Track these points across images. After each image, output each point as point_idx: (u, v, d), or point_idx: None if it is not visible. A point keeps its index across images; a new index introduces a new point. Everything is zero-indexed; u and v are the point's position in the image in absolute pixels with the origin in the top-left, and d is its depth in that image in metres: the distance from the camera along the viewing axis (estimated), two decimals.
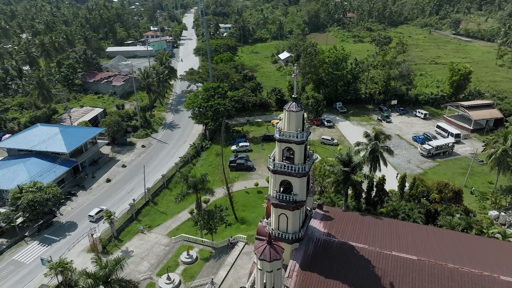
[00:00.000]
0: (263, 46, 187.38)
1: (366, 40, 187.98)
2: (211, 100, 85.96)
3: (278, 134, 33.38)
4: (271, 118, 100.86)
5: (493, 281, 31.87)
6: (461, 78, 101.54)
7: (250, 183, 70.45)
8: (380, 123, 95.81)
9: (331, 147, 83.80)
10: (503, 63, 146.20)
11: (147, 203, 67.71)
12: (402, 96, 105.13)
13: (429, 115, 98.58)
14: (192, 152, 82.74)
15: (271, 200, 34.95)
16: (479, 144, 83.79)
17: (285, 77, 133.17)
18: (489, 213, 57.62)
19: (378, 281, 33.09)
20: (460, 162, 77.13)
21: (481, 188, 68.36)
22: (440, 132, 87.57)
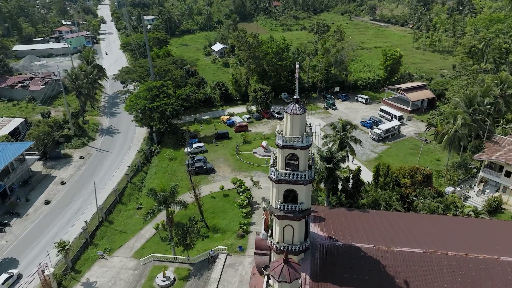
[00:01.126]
0: (192, 38, 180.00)
1: (294, 28, 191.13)
2: (156, 100, 79.04)
3: (281, 140, 30.35)
4: (219, 114, 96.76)
5: (496, 263, 33.09)
6: (394, 62, 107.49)
7: (215, 186, 66.35)
8: (326, 111, 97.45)
9: None
10: (419, 46, 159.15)
11: (101, 223, 60.04)
12: (343, 82, 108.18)
13: (370, 99, 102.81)
14: (141, 159, 75.53)
15: (276, 212, 32.03)
16: (420, 124, 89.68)
17: (222, 69, 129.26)
18: (446, 190, 61.37)
19: (392, 281, 32.39)
20: (408, 143, 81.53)
21: (430, 165, 72.80)
22: (384, 115, 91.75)
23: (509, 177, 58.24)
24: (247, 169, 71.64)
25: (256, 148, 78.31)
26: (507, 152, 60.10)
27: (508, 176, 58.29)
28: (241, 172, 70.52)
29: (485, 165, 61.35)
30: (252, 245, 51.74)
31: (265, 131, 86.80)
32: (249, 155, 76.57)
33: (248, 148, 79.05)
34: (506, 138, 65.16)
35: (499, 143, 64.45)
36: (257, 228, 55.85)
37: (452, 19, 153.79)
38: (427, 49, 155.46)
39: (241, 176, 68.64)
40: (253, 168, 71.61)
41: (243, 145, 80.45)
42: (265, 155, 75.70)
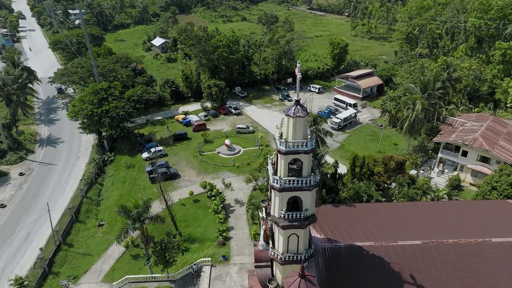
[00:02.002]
0: (128, 32, 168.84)
1: (235, 20, 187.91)
2: (105, 104, 72.04)
3: (284, 146, 28.09)
4: (172, 114, 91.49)
5: (488, 245, 34.38)
6: (341, 51, 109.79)
7: (183, 193, 62.29)
8: (282, 103, 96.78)
9: (249, 135, 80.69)
10: (357, 34, 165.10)
11: (59, 248, 53.42)
12: (294, 73, 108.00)
13: (322, 88, 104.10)
14: (94, 170, 68.60)
15: (280, 223, 29.89)
16: (374, 111, 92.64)
17: (166, 65, 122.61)
18: (409, 173, 63.87)
19: (399, 277, 32.18)
20: (365, 130, 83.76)
21: (389, 150, 75.44)
22: (339, 104, 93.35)
23: (465, 156, 62.03)
24: (214, 170, 68.40)
25: (219, 147, 75.14)
26: (462, 133, 63.93)
27: (465, 155, 62.06)
28: (208, 175, 67.11)
29: (443, 147, 64.76)
30: (236, 252, 49.45)
31: (225, 128, 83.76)
32: (213, 155, 73.24)
33: (211, 148, 75.60)
34: (457, 119, 69.40)
35: (452, 125, 68.43)
36: (236, 233, 53.45)
37: (385, 7, 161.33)
38: (365, 36, 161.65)
39: (209, 179, 65.33)
40: (220, 169, 68.56)
41: (204, 145, 76.78)
42: (230, 154, 72.97)
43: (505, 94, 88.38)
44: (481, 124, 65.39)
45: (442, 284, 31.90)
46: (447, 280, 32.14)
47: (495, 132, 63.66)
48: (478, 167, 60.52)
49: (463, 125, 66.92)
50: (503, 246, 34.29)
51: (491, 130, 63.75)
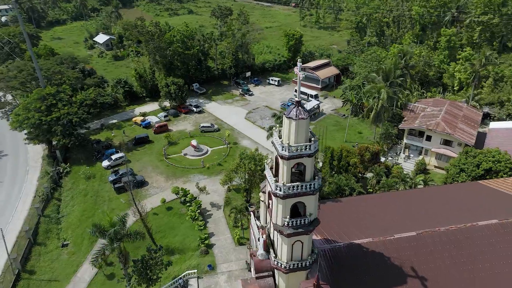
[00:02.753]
0: (65, 29, 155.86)
1: (181, 13, 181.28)
2: (55, 110, 65.28)
3: (287, 151, 26.34)
4: (128, 116, 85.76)
5: (476, 229, 35.55)
6: (296, 42, 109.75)
7: (153, 201, 58.39)
8: (243, 98, 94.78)
9: (215, 133, 77.88)
10: (305, 24, 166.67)
11: (19, 277, 47.63)
12: (252, 66, 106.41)
13: (281, 81, 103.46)
14: (49, 184, 62.15)
15: (285, 231, 28.32)
16: (335, 100, 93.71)
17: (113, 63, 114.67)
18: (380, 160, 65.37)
19: (401, 271, 32.18)
20: (329, 120, 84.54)
21: (354, 138, 76.72)
22: (300, 95, 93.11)
23: (429, 140, 64.63)
24: (183, 173, 65.02)
25: (185, 149, 71.63)
26: (425, 119, 66.48)
27: (429, 140, 64.65)
28: (177, 179, 63.64)
29: (408, 133, 66.94)
30: (221, 260, 47.28)
31: (188, 128, 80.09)
32: (180, 157, 69.62)
33: (177, 150, 71.83)
34: (418, 105, 72.14)
35: (414, 111, 71.01)
36: (218, 239, 51.13)
37: None
38: (314, 27, 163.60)
39: (180, 183, 61.98)
40: (190, 172, 65.33)
41: (169, 147, 72.77)
42: (198, 155, 69.84)
43: (452, 78, 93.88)
44: (440, 109, 68.48)
45: (442, 272, 32.42)
46: (446, 268, 32.75)
47: (453, 115, 67.00)
48: (442, 150, 63.35)
49: (424, 111, 69.67)
50: (489, 229, 35.68)
51: (449, 114, 66.96)
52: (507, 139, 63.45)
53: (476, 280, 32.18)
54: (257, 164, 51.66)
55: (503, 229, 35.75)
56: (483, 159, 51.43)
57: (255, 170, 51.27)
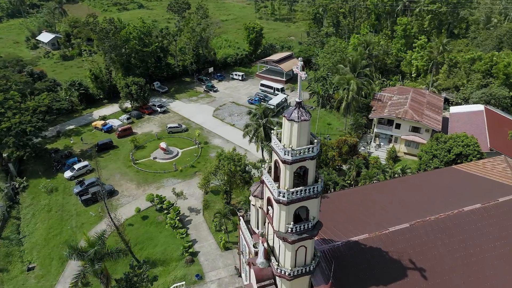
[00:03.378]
0: (1, 28, 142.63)
1: (131, 7, 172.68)
2: (4, 120, 59.05)
3: (290, 155, 24.96)
4: (86, 121, 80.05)
5: (463, 215, 36.58)
6: (257, 35, 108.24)
7: (126, 211, 54.77)
8: (208, 95, 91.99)
9: (184, 134, 74.79)
10: (261, 16, 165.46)
11: None
12: (214, 61, 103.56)
13: (245, 75, 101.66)
14: (4, 202, 56.31)
15: (289, 238, 27.11)
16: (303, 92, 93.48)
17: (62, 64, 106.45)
18: None
19: (400, 264, 32.29)
20: None
21: (324, 130, 77.08)
22: (266, 89, 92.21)
23: (399, 128, 66.32)
24: (155, 179, 61.73)
25: (154, 152, 68.09)
26: (393, 107, 68.06)
27: (398, 127, 66.32)
28: (149, 185, 60.28)
29: (377, 122, 68.25)
30: (209, 268, 45.39)
31: (154, 130, 76.21)
32: (150, 162, 66.04)
33: (145, 154, 68.07)
34: (385, 94, 73.77)
35: (381, 100, 72.51)
36: (202, 246, 48.99)
37: None
38: (269, 18, 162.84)
39: (153, 190, 58.78)
40: (162, 176, 62.17)
41: (136, 151, 68.77)
42: (168, 158, 66.64)
43: (409, 66, 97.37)
44: (406, 97, 70.46)
45: (437, 261, 32.96)
46: (441, 256, 33.35)
47: (419, 102, 69.23)
48: (411, 137, 65.29)
49: (391, 99, 71.37)
50: (474, 213, 36.87)
51: (415, 101, 69.09)
52: (467, 123, 66.67)
53: (470, 265, 33.13)
54: (236, 164, 49.91)
55: (486, 212, 37.13)
56: (453, 144, 53.42)
57: (235, 171, 49.51)
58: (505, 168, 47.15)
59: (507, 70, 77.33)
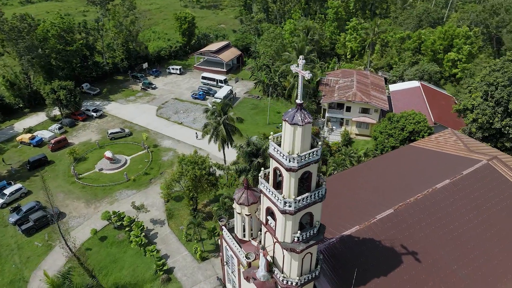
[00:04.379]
0: None
1: (36, 0, 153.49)
2: None
3: (296, 162, 22.96)
4: (7, 135, 69.74)
5: (438, 192, 38.05)
6: (189, 25, 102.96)
7: (81, 234, 48.60)
8: (147, 93, 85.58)
9: (129, 138, 68.57)
10: (186, 4, 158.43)
11: None
12: (147, 56, 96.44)
13: (183, 68, 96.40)
14: None
15: (297, 248, 25.38)
16: (245, 83, 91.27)
17: None
18: None
19: (394, 251, 32.54)
20: (245, 104, 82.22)
21: (275, 119, 76.34)
22: (208, 82, 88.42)
23: (349, 111, 67.86)
24: (106, 193, 55.76)
25: (99, 163, 61.47)
26: (341, 91, 69.26)
27: (349, 110, 67.84)
28: (101, 201, 54.28)
29: (328, 106, 69.06)
30: (189, 283, 42.41)
31: (94, 138, 68.75)
32: (96, 174, 59.45)
33: (88, 167, 61.11)
34: (331, 78, 74.79)
35: (329, 84, 73.40)
36: (176, 260, 45.38)
37: None
38: (195, 6, 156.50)
39: (105, 206, 53.07)
40: (113, 189, 56.37)
41: (78, 164, 61.41)
42: (116, 168, 60.63)
43: (344, 48, 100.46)
44: (351, 80, 72.17)
45: (426, 241, 33.86)
46: (427, 236, 34.31)
47: (364, 84, 71.40)
48: (361, 118, 67.24)
49: (338, 83, 72.62)
50: (446, 189, 38.61)
51: (361, 83, 71.11)
52: (408, 99, 70.47)
53: (454, 240, 34.61)
54: (201, 168, 46.64)
55: (455, 187, 39.15)
56: (405, 123, 55.87)
57: (201, 175, 46.26)
58: (456, 141, 50.37)
59: (434, 47, 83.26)
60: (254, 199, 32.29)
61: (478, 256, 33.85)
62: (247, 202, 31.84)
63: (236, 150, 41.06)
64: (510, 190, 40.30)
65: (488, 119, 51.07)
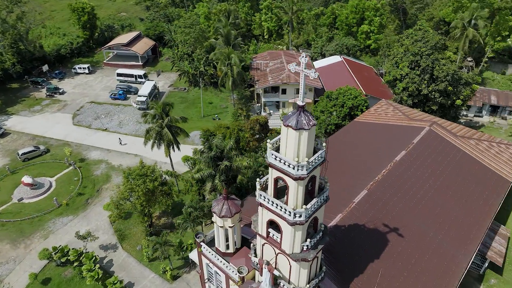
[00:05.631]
0: None
1: None
2: None
3: (305, 169, 20.86)
4: None
5: (398, 165, 39.64)
6: (90, 17, 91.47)
7: (16, 283, 40.47)
8: (55, 99, 74.35)
9: (47, 156, 58.90)
10: None
11: None
12: (44, 57, 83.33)
13: (91, 66, 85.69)
14: None
15: (308, 257, 23.72)
16: (167, 75, 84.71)
17: None
18: None
19: (378, 231, 33.01)
20: (173, 98, 76.34)
21: (208, 110, 72.61)
22: (125, 79, 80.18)
23: (285, 93, 67.45)
24: (35, 226, 47.31)
25: (16, 192, 51.77)
26: (274, 74, 68.25)
27: (285, 93, 67.39)
28: (31, 238, 45.90)
29: (264, 91, 67.70)
30: None
31: (1, 162, 57.54)
32: (15, 207, 49.99)
33: (3, 199, 51.06)
34: (261, 62, 73.16)
35: (260, 68, 71.76)
36: (144, 285, 40.51)
37: None
38: None
39: (37, 241, 45.23)
40: (44, 220, 48.11)
41: None
42: (40, 194, 51.75)
43: (260, 28, 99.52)
44: (280, 61, 71.53)
45: (402, 215, 35.00)
46: (402, 210, 35.52)
47: None
48: (297, 99, 67.25)
49: (268, 66, 71.40)
50: (405, 161, 40.46)
51: (290, 64, 70.75)
52: (335, 74, 72.69)
53: (424, 209, 36.47)
54: (152, 180, 41.82)
55: (411, 156, 41.32)
56: (344, 99, 57.22)
57: (154, 187, 41.53)
58: (394, 111, 53.38)
59: (348, 21, 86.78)
60: (236, 208, 29.78)
61: (445, 220, 36.27)
62: (230, 213, 29.20)
63: (196, 155, 37.08)
64: (453, 151, 44.00)
65: (417, 86, 54.81)
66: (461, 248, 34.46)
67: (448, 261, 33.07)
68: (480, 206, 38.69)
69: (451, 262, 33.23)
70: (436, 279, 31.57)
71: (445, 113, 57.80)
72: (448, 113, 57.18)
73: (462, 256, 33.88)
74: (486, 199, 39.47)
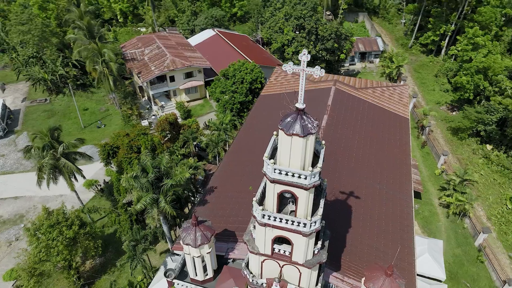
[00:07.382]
0: None
1: None
2: None
3: (317, 177, 18.70)
4: None
5: (327, 130, 40.57)
6: None
7: None
8: None
9: None
10: None
11: None
12: None
13: None
14: None
15: (323, 259, 22.36)
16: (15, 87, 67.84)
17: None
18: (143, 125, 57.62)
19: (341, 202, 33.61)
20: (36, 113, 62.43)
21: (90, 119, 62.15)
22: None
23: (174, 81, 61.74)
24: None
25: None
26: (156, 62, 61.32)
27: (173, 80, 61.64)
28: None
29: (150, 83, 60.60)
30: None
31: None
32: None
33: None
34: (134, 51, 64.64)
35: (136, 58, 63.51)
36: None
37: None
38: None
39: None
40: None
41: None
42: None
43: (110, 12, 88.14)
44: (157, 46, 64.55)
45: (350, 177, 36.17)
46: (348, 172, 36.68)
47: (173, 47, 65.26)
48: (188, 84, 62.64)
49: (144, 54, 63.68)
50: (330, 125, 41.52)
51: (169, 47, 64.62)
52: (215, 50, 69.50)
53: (361, 166, 38.52)
54: (69, 225, 33.72)
55: (334, 119, 42.51)
56: (242, 74, 55.37)
57: (75, 233, 33.62)
58: (293, 77, 54.13)
59: None
60: (210, 230, 26.57)
61: (382, 169, 39.32)
62: (206, 239, 25.87)
63: (126, 183, 30.33)
64: (360, 104, 47.46)
65: (305, 48, 56.44)
66: (401, 190, 38.08)
67: (398, 205, 36.22)
68: (398, 147, 43.15)
69: (398, 205, 36.50)
70: (396, 225, 34.32)
71: (331, 68, 61.65)
72: (334, 67, 61.16)
73: (405, 197, 37.56)
74: (399, 140, 44.18)
